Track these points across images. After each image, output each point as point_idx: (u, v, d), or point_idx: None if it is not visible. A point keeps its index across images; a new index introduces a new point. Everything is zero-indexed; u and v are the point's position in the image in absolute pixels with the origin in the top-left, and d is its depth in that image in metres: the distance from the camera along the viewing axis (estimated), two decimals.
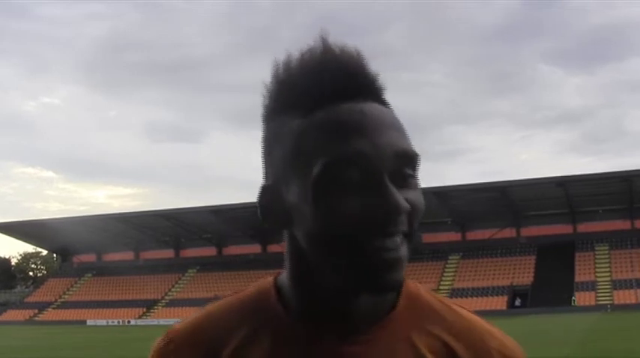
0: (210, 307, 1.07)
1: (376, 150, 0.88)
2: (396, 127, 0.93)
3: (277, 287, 1.03)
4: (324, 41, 0.95)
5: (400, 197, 0.88)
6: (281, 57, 0.96)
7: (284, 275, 1.03)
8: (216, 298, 1.11)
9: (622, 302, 56.24)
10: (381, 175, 0.88)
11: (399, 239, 0.89)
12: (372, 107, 0.92)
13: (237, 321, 1.01)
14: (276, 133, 0.96)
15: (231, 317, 1.03)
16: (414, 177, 0.92)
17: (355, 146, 0.88)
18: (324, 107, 0.91)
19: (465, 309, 1.07)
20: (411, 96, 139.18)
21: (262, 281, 1.06)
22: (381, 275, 0.88)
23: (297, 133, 0.92)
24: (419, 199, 0.92)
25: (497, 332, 1.04)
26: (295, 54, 0.95)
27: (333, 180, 0.88)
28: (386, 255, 0.88)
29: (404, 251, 0.90)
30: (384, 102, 0.95)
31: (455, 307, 1.06)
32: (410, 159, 0.91)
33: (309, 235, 0.91)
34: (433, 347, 0.99)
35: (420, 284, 1.09)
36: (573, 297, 57.91)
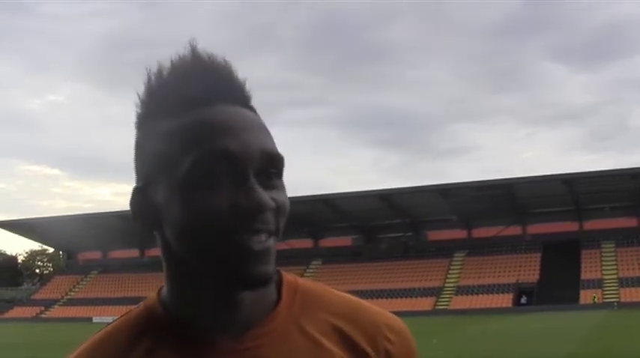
0: (99, 333, 1.05)
1: (243, 148, 0.92)
2: (263, 130, 0.97)
3: (162, 300, 1.04)
4: (193, 49, 0.98)
5: (265, 194, 0.91)
6: (153, 66, 0.99)
7: (165, 287, 1.05)
8: None
9: (629, 299, 56.04)
10: (247, 172, 0.91)
11: (264, 236, 0.93)
12: (239, 110, 0.96)
13: (130, 343, 1.01)
14: (146, 136, 0.99)
15: (122, 339, 1.02)
16: (279, 177, 0.96)
17: (222, 143, 0.91)
18: (193, 109, 0.95)
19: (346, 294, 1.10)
20: (414, 94, 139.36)
21: (148, 298, 1.06)
22: (249, 269, 0.91)
23: (166, 134, 0.95)
24: (284, 199, 0.96)
25: (378, 308, 1.09)
26: (166, 63, 0.99)
27: (201, 176, 0.91)
28: (252, 249, 0.91)
29: (270, 245, 0.94)
30: (251, 108, 0.99)
31: (333, 290, 1.09)
32: (276, 160, 0.95)
33: (177, 233, 0.94)
34: (323, 330, 1.02)
35: (294, 274, 1.11)
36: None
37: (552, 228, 67.39)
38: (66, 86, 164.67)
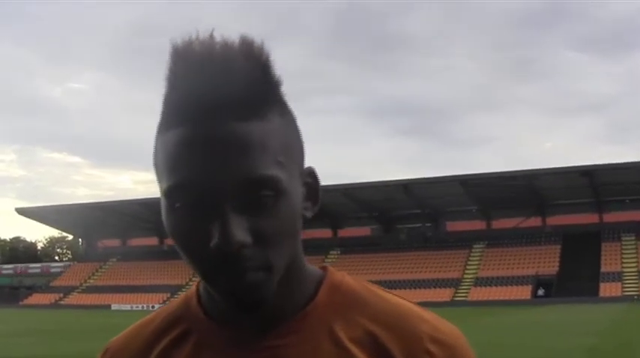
0: (146, 316, 1.09)
1: (214, 178, 0.82)
2: (251, 150, 0.84)
3: (199, 291, 1.03)
4: (207, 42, 0.87)
5: (238, 231, 0.83)
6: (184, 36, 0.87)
7: None
8: None
9: None
10: (218, 205, 0.83)
11: (246, 274, 0.85)
12: (228, 130, 0.83)
13: (165, 326, 1.03)
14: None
15: (160, 322, 1.05)
16: (275, 199, 0.85)
17: (190, 175, 0.83)
18: (173, 128, 0.86)
19: (399, 297, 1.01)
20: (435, 83, 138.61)
21: (192, 286, 1.07)
22: (237, 299, 0.87)
23: (156, 147, 0.90)
24: (274, 226, 0.86)
25: (429, 316, 0.98)
26: (193, 40, 0.87)
27: (174, 209, 0.86)
28: (234, 292, 0.87)
29: (257, 279, 0.86)
30: (251, 118, 0.84)
31: (384, 294, 1.00)
32: (261, 184, 0.84)
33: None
34: (356, 336, 0.94)
35: (347, 273, 1.04)
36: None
37: (572, 219, 66.88)
38: (88, 74, 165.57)
